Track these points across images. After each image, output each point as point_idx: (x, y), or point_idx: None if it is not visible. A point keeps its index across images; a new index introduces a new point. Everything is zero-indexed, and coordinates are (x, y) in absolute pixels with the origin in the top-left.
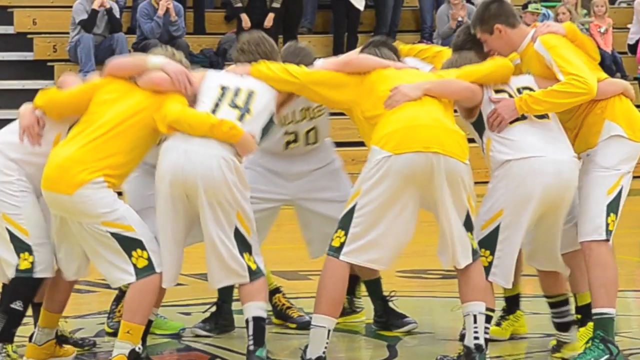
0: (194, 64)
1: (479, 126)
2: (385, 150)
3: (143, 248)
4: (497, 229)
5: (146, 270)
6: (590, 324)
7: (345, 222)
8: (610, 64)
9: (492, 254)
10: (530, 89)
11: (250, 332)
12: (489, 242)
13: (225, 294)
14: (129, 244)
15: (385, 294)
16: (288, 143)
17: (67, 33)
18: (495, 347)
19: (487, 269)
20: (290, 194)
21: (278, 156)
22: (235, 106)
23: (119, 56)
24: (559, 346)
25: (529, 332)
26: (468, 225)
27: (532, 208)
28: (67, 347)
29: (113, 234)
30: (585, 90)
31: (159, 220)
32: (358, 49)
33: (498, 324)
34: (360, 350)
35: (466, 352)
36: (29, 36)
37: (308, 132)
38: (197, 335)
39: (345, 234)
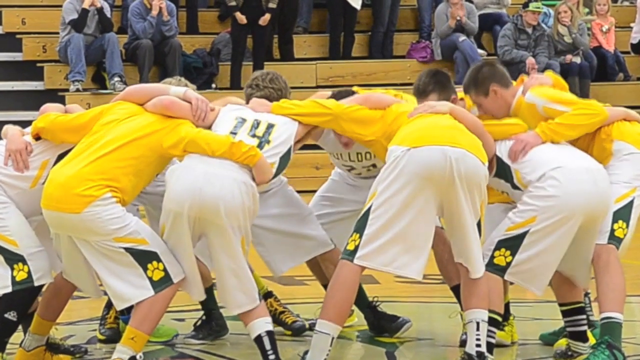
0: (187, 65)
1: (500, 172)
2: (402, 146)
3: (159, 260)
4: (524, 233)
5: (163, 282)
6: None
7: (360, 225)
8: (613, 64)
9: (513, 254)
10: None
11: (268, 346)
12: (513, 243)
13: (210, 302)
14: (144, 258)
15: (369, 300)
16: (349, 170)
17: (57, 33)
18: (501, 353)
19: (504, 269)
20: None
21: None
22: (254, 136)
23: (141, 84)
24: (571, 356)
25: (529, 338)
26: (479, 234)
27: (570, 217)
28: (61, 356)
29: (127, 249)
30: (598, 112)
31: (174, 242)
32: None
33: (501, 329)
34: (358, 358)
35: (467, 358)
36: (18, 36)
37: (366, 167)
38: (195, 342)
39: (360, 237)
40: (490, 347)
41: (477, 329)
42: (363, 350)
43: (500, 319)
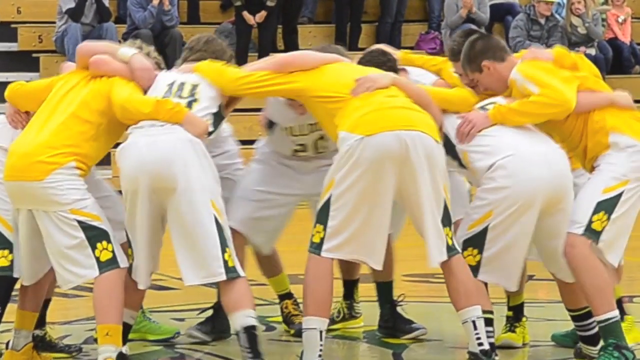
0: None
1: (447, 149)
2: (355, 134)
3: (109, 241)
4: (485, 229)
5: (109, 264)
6: None
7: (322, 216)
8: (628, 56)
9: (480, 252)
10: None
11: (245, 344)
12: (477, 241)
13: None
14: (95, 235)
15: (394, 298)
16: (296, 151)
17: (54, 22)
18: (512, 354)
19: (476, 268)
20: (306, 190)
21: (290, 157)
22: (180, 97)
23: (91, 41)
24: (584, 357)
25: (540, 340)
26: (446, 219)
27: (527, 206)
28: (45, 354)
29: (80, 223)
30: (559, 102)
31: (130, 223)
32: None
33: (513, 330)
34: (365, 358)
35: (473, 359)
36: (13, 26)
37: (317, 140)
38: (193, 342)
39: (324, 229)
40: (590, 339)
41: (475, 328)
42: (370, 351)
43: (492, 316)
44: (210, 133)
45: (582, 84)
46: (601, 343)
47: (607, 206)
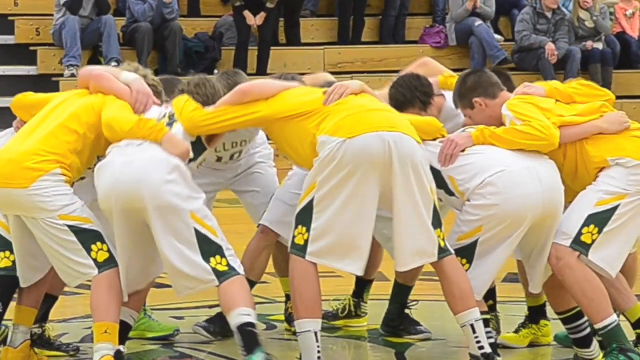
0: (188, 49)
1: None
2: (337, 137)
3: (103, 241)
4: (474, 243)
5: (107, 263)
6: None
7: (304, 218)
8: (637, 50)
9: (470, 263)
10: None
11: (240, 342)
12: (466, 252)
13: None
14: (88, 238)
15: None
16: (217, 160)
17: (52, 15)
18: (512, 355)
19: None
20: (226, 180)
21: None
22: (165, 115)
23: (93, 67)
24: None
25: (552, 343)
26: (436, 220)
27: (517, 222)
28: (47, 352)
29: (71, 227)
30: (544, 135)
31: (112, 238)
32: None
33: (516, 331)
34: (368, 358)
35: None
36: (10, 18)
37: (233, 154)
38: (192, 341)
39: (308, 231)
40: (583, 341)
41: (474, 332)
42: (373, 351)
43: (488, 317)
44: (191, 160)
45: (569, 122)
46: (594, 343)
47: (598, 220)
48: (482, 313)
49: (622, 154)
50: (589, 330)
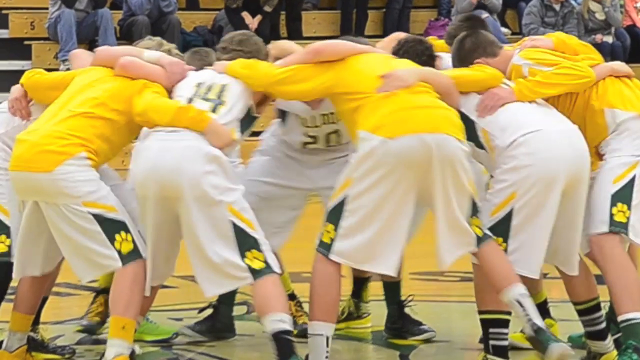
0: (187, 43)
1: (465, 129)
2: (377, 136)
3: (127, 230)
4: (509, 214)
5: (132, 255)
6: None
7: (334, 216)
8: None
9: (505, 241)
10: None
11: (275, 350)
12: (502, 227)
13: (225, 294)
14: (112, 227)
15: (402, 298)
16: (306, 144)
17: (46, 9)
18: (518, 356)
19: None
20: (312, 183)
21: (298, 150)
22: (206, 99)
23: (110, 47)
24: (594, 357)
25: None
26: (472, 211)
27: (551, 185)
28: (47, 356)
29: (95, 216)
30: (584, 73)
31: (141, 225)
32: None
33: (523, 330)
34: None
35: (528, 338)
36: (4, 12)
37: (329, 134)
38: (190, 342)
39: (335, 229)
40: (502, 350)
41: (521, 306)
42: (376, 353)
43: (505, 317)
44: (237, 139)
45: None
46: (609, 338)
47: (622, 196)
48: (503, 312)
49: (614, 105)
50: (604, 324)
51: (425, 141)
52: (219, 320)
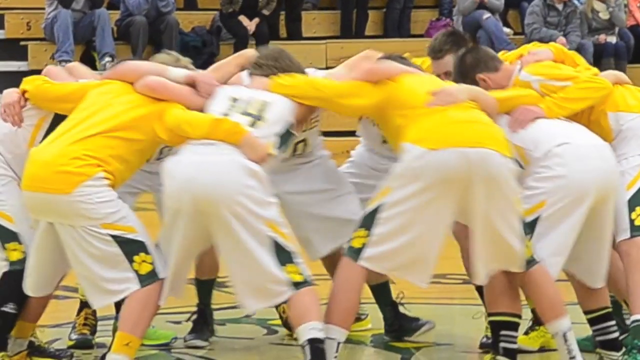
0: (185, 44)
1: None
2: (420, 147)
3: (147, 252)
4: (535, 220)
5: (150, 277)
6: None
7: (367, 221)
8: None
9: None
10: None
11: (308, 357)
12: (526, 230)
13: (206, 297)
14: (132, 248)
15: (393, 297)
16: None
17: (43, 9)
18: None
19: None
20: (275, 188)
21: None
22: (246, 114)
23: (135, 62)
24: None
25: None
26: (521, 231)
27: (582, 198)
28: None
29: (115, 237)
30: (604, 85)
31: (166, 237)
32: (363, 54)
33: (526, 333)
34: None
35: None
36: (0, 12)
37: (297, 143)
38: (193, 346)
39: (368, 235)
40: (511, 353)
41: (565, 341)
42: (377, 356)
43: (516, 320)
44: (275, 154)
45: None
46: (623, 349)
47: (638, 200)
48: (514, 315)
49: (619, 108)
50: (617, 333)
51: (466, 156)
52: (209, 322)
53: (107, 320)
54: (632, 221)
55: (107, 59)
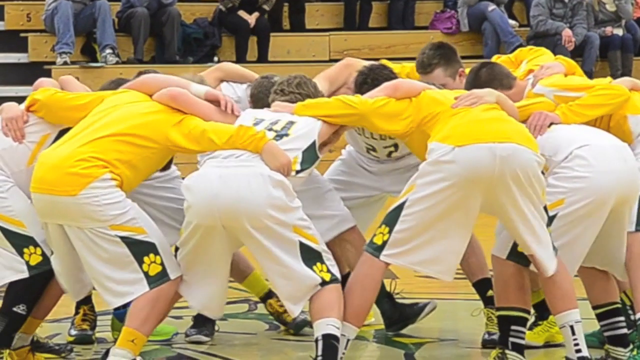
0: (187, 35)
1: None
2: (446, 144)
3: (156, 252)
4: (551, 218)
5: (160, 278)
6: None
7: (391, 218)
8: None
9: None
10: None
11: (319, 352)
12: None
13: None
14: (141, 249)
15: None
16: (368, 150)
17: (43, 0)
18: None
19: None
20: (380, 187)
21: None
22: (271, 130)
23: (158, 74)
24: None
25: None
26: (546, 221)
27: (604, 199)
28: (45, 355)
29: (123, 239)
30: (621, 92)
31: (194, 256)
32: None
33: (530, 329)
34: (374, 359)
35: None
36: (0, 3)
37: (388, 151)
38: (191, 341)
39: (390, 232)
40: (520, 348)
41: (572, 333)
42: (380, 352)
43: (526, 315)
44: (298, 171)
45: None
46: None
47: None
48: (523, 310)
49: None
50: (625, 329)
51: (493, 151)
52: (210, 318)
53: (107, 315)
54: (639, 216)
55: (108, 50)
